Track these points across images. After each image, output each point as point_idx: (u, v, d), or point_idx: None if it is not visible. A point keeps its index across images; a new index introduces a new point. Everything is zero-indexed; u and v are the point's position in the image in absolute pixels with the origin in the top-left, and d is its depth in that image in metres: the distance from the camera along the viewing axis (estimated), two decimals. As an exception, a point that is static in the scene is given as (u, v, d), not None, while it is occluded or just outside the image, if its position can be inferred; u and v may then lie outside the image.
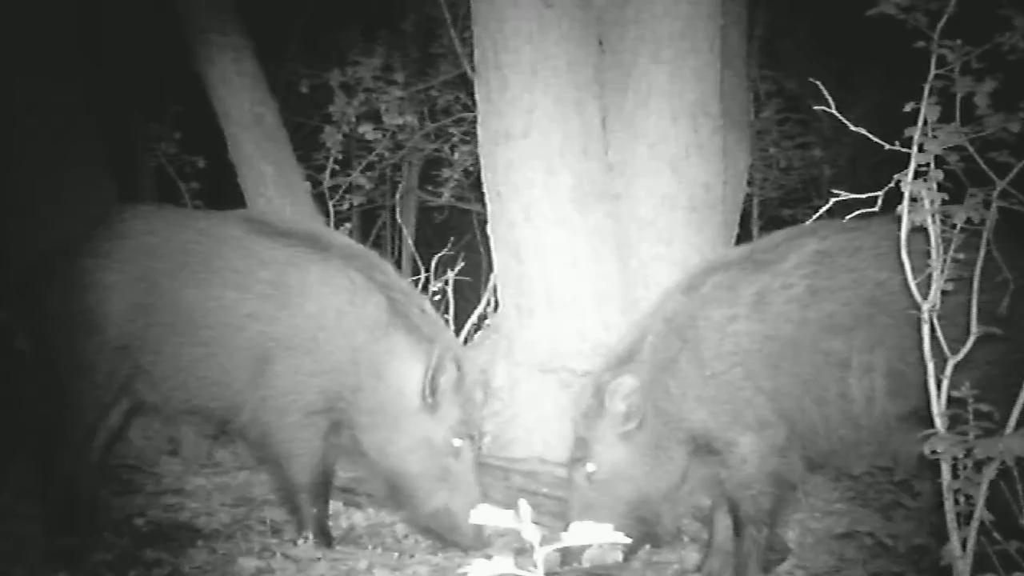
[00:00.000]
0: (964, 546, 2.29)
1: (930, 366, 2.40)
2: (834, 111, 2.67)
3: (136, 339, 3.23)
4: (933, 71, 2.41)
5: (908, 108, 2.42)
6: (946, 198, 2.43)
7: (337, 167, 5.43)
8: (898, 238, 2.48)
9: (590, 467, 3.03)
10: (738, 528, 2.98)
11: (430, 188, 6.42)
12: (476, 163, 4.34)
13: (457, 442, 3.20)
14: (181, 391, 3.29)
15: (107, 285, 3.22)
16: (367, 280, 3.28)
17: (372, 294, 3.26)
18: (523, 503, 1.34)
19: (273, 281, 3.22)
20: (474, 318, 4.87)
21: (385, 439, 3.22)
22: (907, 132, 2.42)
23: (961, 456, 2.27)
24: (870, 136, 2.55)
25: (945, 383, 2.38)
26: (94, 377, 3.24)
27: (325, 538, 3.27)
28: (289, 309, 3.20)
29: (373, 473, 3.34)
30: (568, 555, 3.02)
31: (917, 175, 2.41)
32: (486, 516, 1.29)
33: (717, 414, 2.93)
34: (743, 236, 5.18)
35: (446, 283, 5.03)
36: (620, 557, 3.13)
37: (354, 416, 3.25)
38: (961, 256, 2.43)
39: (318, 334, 3.20)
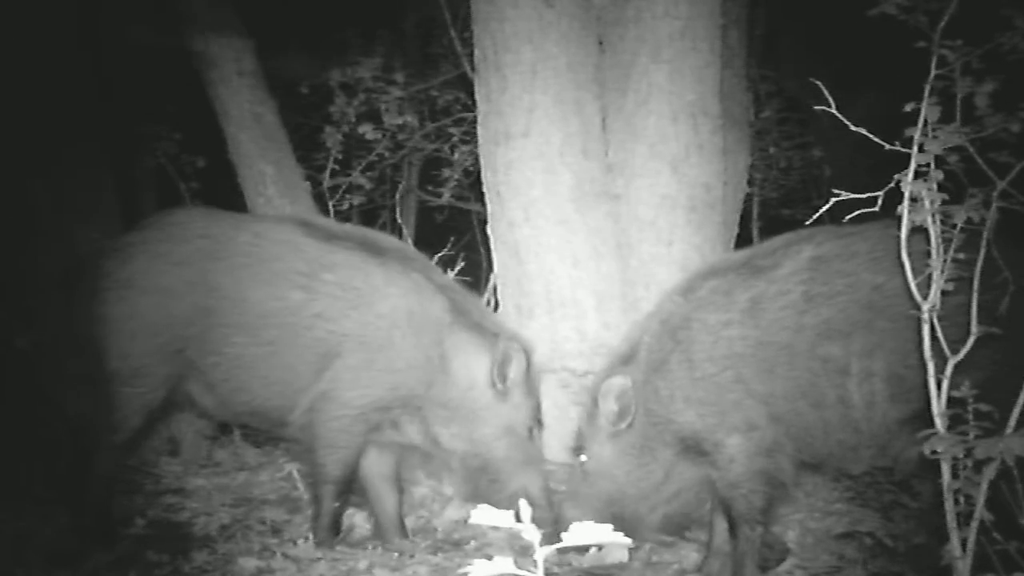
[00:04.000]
0: (964, 546, 2.29)
1: (930, 366, 2.40)
2: (834, 111, 2.67)
3: (195, 342, 3.23)
4: (933, 71, 2.41)
5: (908, 108, 2.42)
6: (946, 198, 2.43)
7: (337, 167, 5.43)
8: (894, 241, 2.48)
9: (583, 458, 3.15)
10: (733, 528, 2.99)
11: (430, 188, 6.42)
12: (476, 163, 4.34)
13: (532, 426, 3.34)
14: (243, 392, 3.29)
15: (164, 288, 3.21)
16: (428, 281, 3.36)
17: (435, 295, 3.34)
18: (523, 503, 1.35)
19: (340, 283, 3.27)
20: (474, 318, 4.86)
21: (467, 429, 3.31)
22: (907, 132, 2.42)
23: (961, 456, 2.27)
24: (870, 136, 2.55)
25: (945, 383, 2.38)
26: (146, 381, 3.23)
27: (334, 533, 3.31)
28: (360, 309, 3.25)
29: (452, 465, 3.41)
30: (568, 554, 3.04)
31: (917, 175, 2.41)
32: (486, 516, 1.29)
33: (704, 415, 2.95)
34: (743, 236, 5.18)
35: (446, 283, 5.01)
36: (626, 557, 3.15)
37: (429, 411, 3.32)
38: (961, 256, 2.43)
39: (393, 332, 3.25)
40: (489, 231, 4.13)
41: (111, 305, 3.21)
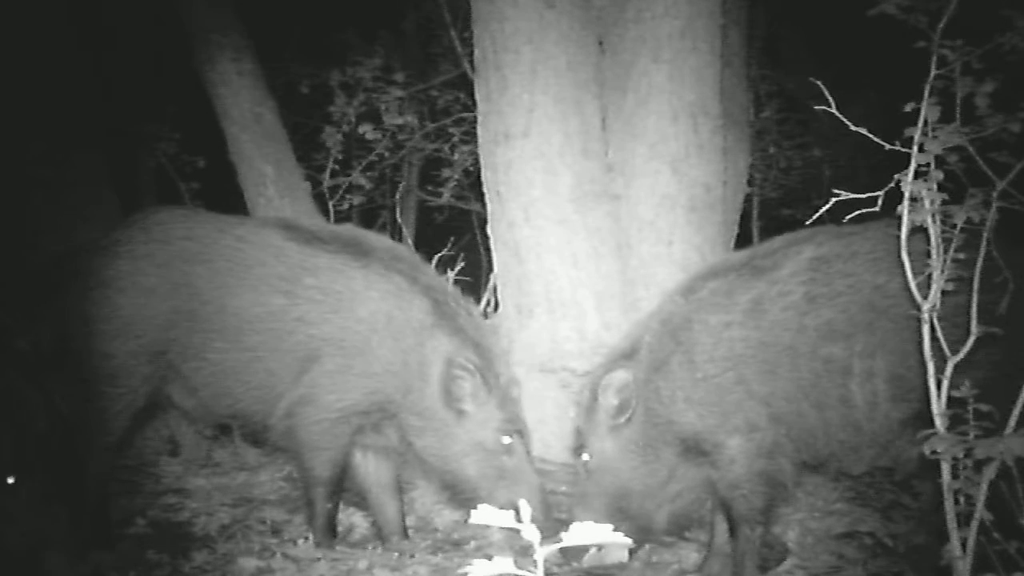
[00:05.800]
0: (964, 546, 2.29)
1: (930, 366, 2.40)
2: (834, 111, 2.67)
3: (177, 345, 3.22)
4: (933, 71, 2.41)
5: (908, 108, 2.42)
6: (946, 198, 2.43)
7: (337, 167, 5.43)
8: (895, 241, 2.48)
9: (585, 456, 3.11)
10: (733, 528, 3.00)
11: (430, 188, 6.43)
12: (476, 163, 4.34)
13: (507, 439, 3.24)
14: (224, 397, 3.28)
15: (147, 289, 3.20)
16: (411, 284, 3.29)
17: (416, 297, 3.28)
18: (523, 503, 1.34)
19: (321, 287, 3.24)
20: (474, 318, 4.86)
21: (439, 444, 3.25)
22: (907, 132, 2.42)
23: (961, 456, 2.27)
24: (870, 136, 2.55)
25: (945, 383, 2.38)
26: (128, 382, 3.21)
27: (331, 534, 3.30)
28: (340, 313, 3.22)
29: (428, 476, 3.38)
30: (568, 554, 3.04)
31: (917, 175, 2.41)
32: (486, 516, 1.29)
33: (705, 416, 2.95)
34: (743, 236, 5.18)
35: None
36: (626, 557, 3.15)
37: (405, 419, 3.27)
38: (961, 256, 2.43)
39: (371, 337, 3.22)
40: (489, 231, 4.13)
41: (94, 304, 3.20)
